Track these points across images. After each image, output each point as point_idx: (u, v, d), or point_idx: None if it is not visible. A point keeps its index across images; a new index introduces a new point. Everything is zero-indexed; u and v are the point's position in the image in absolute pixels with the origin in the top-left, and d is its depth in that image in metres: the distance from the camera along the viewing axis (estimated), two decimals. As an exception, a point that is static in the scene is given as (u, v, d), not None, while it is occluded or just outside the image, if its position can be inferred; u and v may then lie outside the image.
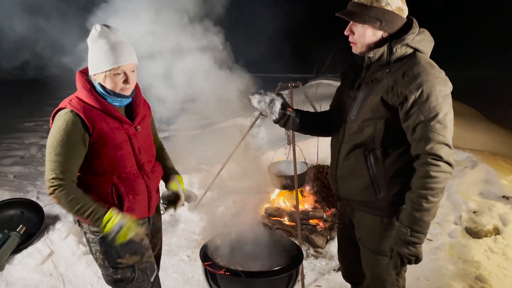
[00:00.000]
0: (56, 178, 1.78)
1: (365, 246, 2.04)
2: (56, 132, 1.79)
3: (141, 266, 2.04)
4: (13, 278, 3.35)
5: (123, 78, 1.85)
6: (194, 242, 3.94)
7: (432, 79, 1.69)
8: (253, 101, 2.07)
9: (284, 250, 2.43)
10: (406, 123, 1.74)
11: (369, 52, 1.82)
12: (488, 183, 4.22)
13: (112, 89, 1.85)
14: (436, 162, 1.69)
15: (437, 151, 1.68)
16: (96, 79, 1.87)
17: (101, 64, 1.81)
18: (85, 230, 1.99)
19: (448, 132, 1.71)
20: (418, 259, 1.81)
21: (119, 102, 1.92)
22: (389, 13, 1.76)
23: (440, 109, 1.68)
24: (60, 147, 1.78)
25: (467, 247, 3.50)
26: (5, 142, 7.46)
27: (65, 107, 1.83)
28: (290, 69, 12.36)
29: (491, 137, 5.49)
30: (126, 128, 1.93)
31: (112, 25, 1.87)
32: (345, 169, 2.00)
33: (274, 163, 4.50)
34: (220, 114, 7.82)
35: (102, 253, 1.98)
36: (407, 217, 1.78)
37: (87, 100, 1.84)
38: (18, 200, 4.27)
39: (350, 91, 1.99)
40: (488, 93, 9.46)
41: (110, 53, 1.80)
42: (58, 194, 1.78)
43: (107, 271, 2.01)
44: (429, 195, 1.71)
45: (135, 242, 2.01)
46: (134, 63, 1.88)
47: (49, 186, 1.80)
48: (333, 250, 3.73)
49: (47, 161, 1.81)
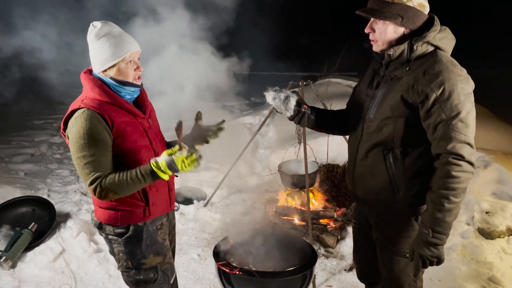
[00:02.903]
0: (97, 177, 1.74)
1: (383, 246, 2.02)
2: (80, 134, 1.73)
3: (163, 267, 2.04)
4: (25, 275, 3.37)
5: (134, 66, 1.87)
6: (204, 240, 3.95)
7: (454, 77, 1.66)
8: (268, 97, 2.06)
9: (297, 250, 2.42)
10: (427, 121, 1.71)
11: (389, 49, 1.79)
12: (500, 183, 4.17)
13: (126, 79, 1.86)
14: (457, 162, 1.66)
15: (458, 150, 1.65)
16: (107, 74, 1.86)
17: (112, 57, 1.81)
18: (107, 232, 1.97)
19: (470, 131, 1.67)
20: (440, 260, 1.78)
21: (131, 94, 1.92)
22: (411, 9, 1.73)
23: (462, 107, 1.65)
24: (89, 148, 1.73)
25: (479, 248, 3.46)
26: (16, 140, 7.51)
27: (79, 107, 1.79)
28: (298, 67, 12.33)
29: (503, 137, 5.42)
30: (141, 121, 1.94)
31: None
32: (363, 168, 1.97)
33: (285, 162, 4.49)
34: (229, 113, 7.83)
35: (126, 253, 1.97)
36: (428, 218, 1.75)
37: (100, 97, 1.82)
38: (30, 198, 4.30)
39: (369, 89, 1.96)
40: (499, 92, 9.33)
41: (118, 44, 1.81)
42: (105, 186, 1.73)
43: (129, 272, 2.00)
44: (451, 195, 1.68)
45: (159, 242, 2.02)
46: (139, 51, 1.91)
47: (93, 189, 1.74)
48: (344, 250, 3.71)
49: (82, 166, 1.75)
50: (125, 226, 1.94)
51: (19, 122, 8.84)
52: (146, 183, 1.78)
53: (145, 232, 1.97)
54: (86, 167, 1.74)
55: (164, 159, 1.74)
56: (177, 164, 1.73)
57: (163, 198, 2.04)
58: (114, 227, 1.94)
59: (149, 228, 1.99)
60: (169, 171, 1.75)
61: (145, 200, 1.94)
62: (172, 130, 1.79)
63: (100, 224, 1.98)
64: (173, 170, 1.75)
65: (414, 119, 1.76)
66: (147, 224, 1.98)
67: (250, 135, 5.08)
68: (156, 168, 1.74)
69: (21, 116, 9.25)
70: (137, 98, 2.00)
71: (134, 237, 1.95)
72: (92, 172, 1.74)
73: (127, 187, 1.76)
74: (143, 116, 1.96)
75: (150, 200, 1.94)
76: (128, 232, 1.94)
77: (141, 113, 1.95)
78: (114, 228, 1.94)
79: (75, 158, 1.76)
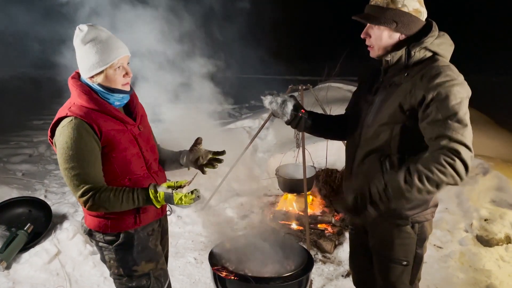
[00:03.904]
0: (89, 190, 1.71)
1: (378, 254, 2.01)
2: (67, 144, 1.70)
3: (156, 273, 2.01)
4: (20, 277, 3.35)
5: (122, 72, 1.80)
6: (201, 244, 3.92)
7: (451, 81, 1.65)
8: (265, 102, 2.06)
9: (294, 255, 2.40)
10: (423, 122, 1.67)
11: (386, 55, 1.79)
12: (500, 191, 4.16)
13: (115, 86, 1.80)
14: (451, 156, 1.56)
15: (454, 146, 1.57)
16: (95, 81, 1.79)
17: (99, 63, 1.74)
18: (97, 239, 1.93)
19: (467, 132, 1.59)
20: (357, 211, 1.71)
21: (120, 100, 1.86)
22: (406, 14, 1.73)
23: (459, 108, 1.61)
24: (78, 159, 1.69)
25: (478, 255, 3.44)
26: (14, 140, 7.50)
27: (66, 115, 1.73)
28: (298, 71, 12.34)
29: (502, 144, 5.41)
30: (131, 129, 1.88)
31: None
32: (360, 174, 1.96)
33: (283, 166, 4.47)
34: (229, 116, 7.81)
35: (117, 261, 1.93)
36: (391, 177, 1.66)
37: (87, 104, 1.76)
38: (27, 198, 4.28)
39: (367, 95, 1.95)
40: (499, 99, 9.34)
41: (105, 50, 1.73)
42: (98, 201, 1.71)
43: (121, 280, 1.97)
44: (425, 176, 1.57)
45: (150, 248, 1.99)
46: (128, 55, 1.83)
47: (83, 202, 1.72)
48: (341, 256, 3.69)
49: (70, 178, 1.71)
50: (116, 234, 1.90)
51: (18, 121, 8.83)
52: (138, 205, 1.81)
53: (136, 239, 1.92)
54: (74, 179, 1.71)
55: (164, 192, 1.77)
56: (174, 200, 1.75)
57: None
58: (104, 234, 1.90)
59: (140, 235, 1.94)
60: (164, 202, 1.79)
61: (135, 207, 1.88)
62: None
63: (90, 231, 1.94)
64: (168, 203, 1.79)
65: (411, 126, 1.74)
66: (138, 231, 1.94)
67: (249, 139, 5.07)
68: (153, 197, 1.77)
69: (19, 115, 9.25)
70: (127, 104, 1.94)
71: (125, 244, 1.91)
72: (81, 184, 1.71)
73: (119, 205, 1.77)
74: (133, 123, 1.91)
75: (141, 208, 1.90)
76: (118, 239, 1.90)
77: (131, 120, 1.90)
78: (104, 236, 1.90)
79: (63, 169, 1.73)
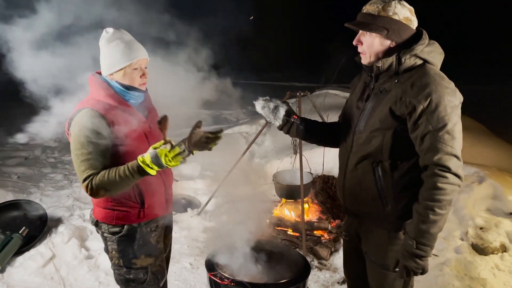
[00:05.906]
0: (90, 175, 1.77)
1: (371, 260, 2.02)
2: (81, 132, 1.79)
3: (154, 269, 2.09)
4: (14, 280, 3.33)
5: (140, 73, 1.94)
6: (197, 249, 3.91)
7: (441, 89, 1.68)
8: (257, 106, 2.09)
9: (290, 262, 2.39)
10: (414, 133, 1.73)
11: (377, 61, 1.82)
12: (495, 199, 4.17)
13: (131, 84, 1.93)
14: (444, 174, 1.67)
15: (445, 162, 1.66)
16: (113, 78, 1.93)
17: (119, 61, 1.88)
18: (103, 230, 2.02)
19: (457, 143, 1.69)
20: (424, 271, 1.79)
21: (136, 98, 1.97)
22: (396, 22, 1.77)
23: (448, 119, 1.67)
24: (88, 146, 1.78)
25: (473, 263, 3.45)
26: (10, 143, 7.45)
27: (84, 107, 1.85)
28: (295, 78, 12.38)
29: (498, 153, 5.43)
30: (142, 126, 1.97)
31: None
32: (352, 180, 1.98)
33: (280, 172, 4.48)
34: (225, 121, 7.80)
35: (119, 252, 2.02)
36: (413, 229, 1.75)
37: (104, 99, 1.89)
38: (22, 201, 4.26)
39: (359, 101, 1.99)
40: (495, 108, 9.39)
41: (127, 50, 1.89)
42: (96, 183, 1.75)
43: (120, 271, 2.05)
44: (436, 207, 1.69)
45: (151, 244, 2.07)
46: (147, 59, 1.98)
47: (85, 186, 1.77)
48: (338, 263, 3.68)
49: (78, 163, 1.79)
50: (120, 225, 2.00)
51: (14, 124, 8.78)
52: (135, 179, 1.78)
53: (138, 232, 2.02)
54: (82, 164, 1.79)
55: (149, 153, 1.75)
56: (160, 157, 1.72)
57: (159, 201, 2.08)
58: (110, 225, 2.00)
59: (143, 229, 2.04)
60: (155, 165, 1.74)
61: (140, 202, 1.99)
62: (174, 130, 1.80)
63: (97, 222, 2.04)
64: (157, 165, 1.74)
65: (402, 131, 1.78)
66: (141, 225, 2.03)
67: (246, 144, 5.08)
68: (142, 163, 1.74)
69: (15, 118, 9.19)
70: (141, 103, 2.06)
71: (127, 237, 2.01)
72: (87, 169, 1.78)
73: (116, 184, 1.77)
74: (145, 121, 2.01)
75: (146, 203, 2.00)
76: (122, 231, 1.99)
77: (143, 117, 2.01)
78: (109, 227, 2.00)
79: (74, 154, 1.81)
